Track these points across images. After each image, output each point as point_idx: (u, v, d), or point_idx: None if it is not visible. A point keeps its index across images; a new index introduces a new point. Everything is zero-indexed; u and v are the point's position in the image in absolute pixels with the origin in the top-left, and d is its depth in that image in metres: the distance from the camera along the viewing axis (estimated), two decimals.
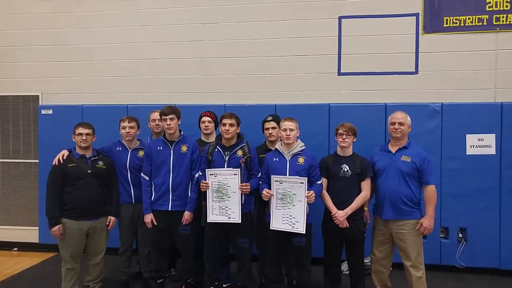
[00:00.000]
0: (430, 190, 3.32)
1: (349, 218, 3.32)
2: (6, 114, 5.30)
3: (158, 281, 3.70)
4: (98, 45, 5.10)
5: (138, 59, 5.04)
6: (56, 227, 3.42)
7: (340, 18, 4.68)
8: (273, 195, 3.29)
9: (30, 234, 5.16)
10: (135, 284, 4.00)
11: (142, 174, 3.61)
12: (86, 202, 3.48)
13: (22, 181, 5.26)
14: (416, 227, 3.31)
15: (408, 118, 3.42)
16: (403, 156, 3.35)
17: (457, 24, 4.50)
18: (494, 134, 4.18)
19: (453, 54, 4.50)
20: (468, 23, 4.47)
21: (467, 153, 4.22)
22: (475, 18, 4.45)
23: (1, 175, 5.32)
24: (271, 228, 3.31)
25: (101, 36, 5.09)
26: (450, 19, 4.50)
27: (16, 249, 5.24)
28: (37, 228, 5.05)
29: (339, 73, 4.71)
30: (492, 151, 4.19)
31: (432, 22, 4.54)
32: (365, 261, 3.57)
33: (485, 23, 4.44)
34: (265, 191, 3.31)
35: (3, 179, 5.32)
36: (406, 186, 3.31)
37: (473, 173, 4.20)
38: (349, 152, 3.44)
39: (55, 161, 3.49)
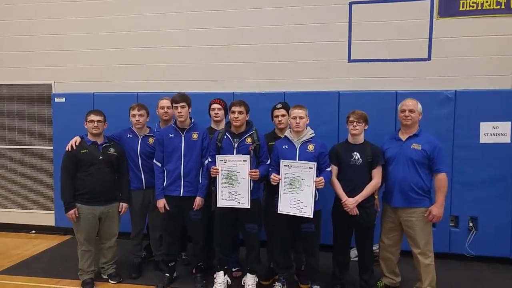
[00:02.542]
0: (441, 178, 3.29)
1: (359, 205, 3.32)
2: (21, 102, 5.41)
3: (169, 265, 3.79)
4: (108, 33, 5.13)
5: (147, 47, 5.05)
6: (72, 211, 3.56)
7: (350, 3, 4.58)
8: (281, 179, 3.30)
9: (47, 217, 5.32)
10: (148, 266, 4.11)
11: (154, 161, 3.66)
12: (98, 188, 3.59)
13: (38, 166, 5.40)
14: (425, 215, 3.30)
15: (419, 106, 3.38)
16: (413, 144, 3.32)
17: (474, 8, 4.36)
18: (510, 122, 4.10)
19: (469, 39, 4.38)
20: (486, 6, 4.33)
21: (480, 142, 4.15)
22: (493, 1, 4.30)
23: (18, 161, 5.47)
24: (278, 212, 3.33)
25: (111, 25, 5.11)
26: (466, 3, 4.36)
27: (34, 231, 5.42)
28: (53, 212, 5.21)
29: (349, 60, 4.64)
30: (507, 139, 4.11)
31: (448, 5, 4.40)
32: (373, 248, 3.59)
33: (503, 7, 4.29)
34: (273, 175, 3.33)
35: (20, 165, 5.46)
36: (416, 174, 3.29)
37: (486, 161, 4.13)
38: (360, 139, 3.42)
39: (68, 147, 3.60)
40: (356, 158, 3.35)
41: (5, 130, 5.47)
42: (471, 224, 4.23)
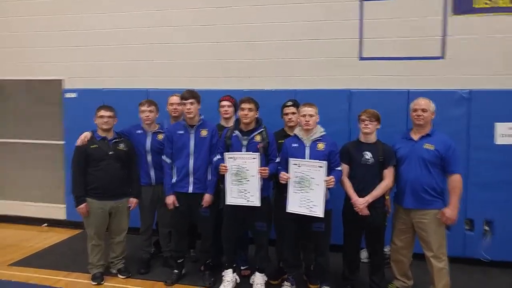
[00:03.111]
0: (455, 180, 3.22)
1: (369, 206, 3.27)
2: (33, 97, 5.50)
3: (178, 261, 3.79)
4: (119, 30, 5.16)
5: (157, 44, 5.07)
6: (82, 205, 3.60)
7: (361, 0, 4.51)
8: (290, 178, 3.26)
9: (58, 211, 5.39)
10: (156, 262, 4.12)
11: (163, 157, 3.66)
12: (108, 183, 3.62)
13: (50, 161, 5.47)
14: (438, 216, 3.22)
15: (432, 105, 3.31)
16: (426, 144, 3.26)
17: (489, 5, 4.25)
18: None
19: (483, 37, 4.27)
20: (501, 4, 4.22)
21: (496, 143, 4.05)
22: None
23: (30, 155, 5.56)
24: (287, 211, 3.29)
25: (122, 21, 5.14)
26: (481, 0, 4.26)
27: (45, 224, 5.49)
28: (64, 205, 5.29)
29: (361, 58, 4.57)
30: None
31: (462, 2, 4.29)
32: (385, 250, 3.53)
33: None
34: (282, 174, 3.30)
35: (32, 159, 5.55)
36: (428, 175, 3.23)
37: (502, 163, 4.03)
38: (372, 139, 3.36)
39: (78, 142, 3.63)
40: (368, 157, 3.30)
41: (17, 125, 5.56)
42: (486, 228, 4.12)
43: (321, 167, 3.18)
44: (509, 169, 4.02)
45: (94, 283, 3.68)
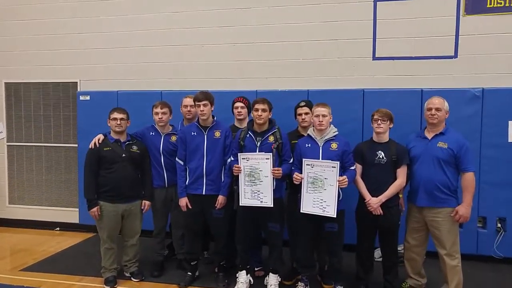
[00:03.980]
0: (468, 178, 3.22)
1: (383, 205, 3.27)
2: (47, 100, 5.52)
3: (192, 263, 3.79)
4: (133, 32, 5.19)
5: (172, 45, 5.09)
6: (95, 208, 3.59)
7: (375, 1, 4.53)
8: (303, 179, 3.27)
9: (71, 215, 5.40)
10: (170, 265, 4.12)
11: (177, 159, 3.67)
12: (121, 185, 3.61)
13: (63, 164, 5.49)
14: (451, 215, 3.22)
15: (446, 104, 3.31)
16: (439, 143, 3.26)
17: (502, 5, 4.26)
18: None
19: (496, 37, 4.28)
20: None
21: (509, 141, 4.05)
22: None
23: (43, 158, 5.57)
24: (301, 211, 3.30)
25: (136, 24, 5.17)
26: (494, 0, 4.27)
27: (58, 228, 5.50)
28: (77, 209, 5.29)
29: (374, 58, 4.58)
30: None
31: (475, 2, 4.31)
32: (398, 248, 3.53)
33: None
34: (295, 174, 3.30)
35: (46, 162, 5.57)
36: (442, 173, 3.23)
37: None
38: (385, 138, 3.37)
39: (91, 145, 3.63)
40: (381, 157, 3.31)
41: (31, 128, 5.58)
42: (499, 225, 4.12)
43: (334, 167, 3.18)
44: None
45: (107, 287, 3.67)
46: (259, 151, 3.41)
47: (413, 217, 3.42)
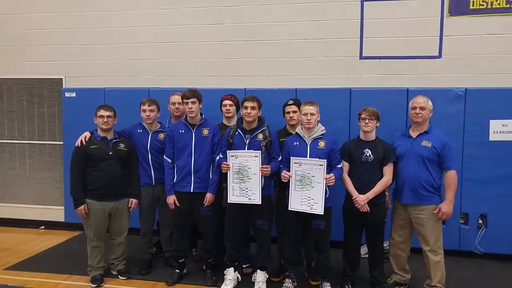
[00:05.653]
0: (450, 176, 3.29)
1: (370, 202, 3.33)
2: (31, 96, 5.42)
3: (180, 261, 3.79)
4: (120, 28, 5.13)
5: (159, 43, 5.06)
6: (81, 207, 3.55)
7: (362, 1, 4.58)
8: (291, 177, 3.31)
9: (56, 213, 5.33)
10: (158, 263, 4.11)
11: (164, 157, 3.66)
12: (108, 184, 3.58)
13: (48, 162, 5.41)
14: (435, 212, 3.30)
15: (430, 103, 3.38)
16: (423, 141, 3.32)
17: (484, 6, 4.36)
18: None
19: (479, 38, 4.39)
20: (496, 5, 4.33)
21: (490, 139, 4.15)
22: (503, 0, 4.29)
23: (28, 156, 5.48)
24: (289, 208, 3.34)
25: (123, 20, 5.11)
26: (476, 1, 4.37)
27: (43, 227, 5.42)
28: (63, 207, 5.22)
29: (361, 57, 4.64)
30: None
31: (458, 4, 4.41)
32: (384, 245, 3.59)
33: None
34: (283, 173, 3.33)
35: (30, 160, 5.47)
36: (426, 171, 3.29)
37: (495, 159, 4.14)
38: (372, 136, 3.42)
39: (78, 143, 3.59)
40: (368, 155, 3.36)
41: (14, 125, 5.47)
42: (480, 221, 4.23)
43: (321, 165, 3.22)
44: (502, 164, 4.14)
45: (94, 286, 3.64)
46: (248, 149, 3.42)
47: (398, 214, 3.48)
